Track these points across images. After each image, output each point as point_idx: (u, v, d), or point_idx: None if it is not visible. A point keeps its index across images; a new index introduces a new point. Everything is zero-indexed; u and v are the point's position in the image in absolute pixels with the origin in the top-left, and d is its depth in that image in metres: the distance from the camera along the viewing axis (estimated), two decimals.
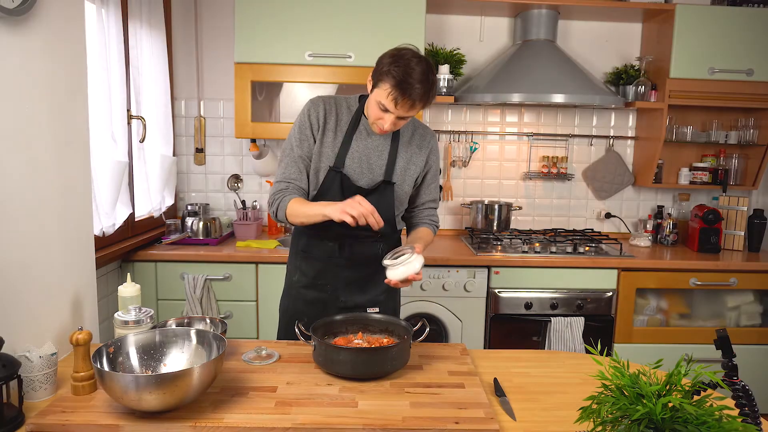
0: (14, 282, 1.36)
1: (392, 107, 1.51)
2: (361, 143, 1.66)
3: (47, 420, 1.14)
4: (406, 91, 1.48)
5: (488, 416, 1.20)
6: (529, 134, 3.20)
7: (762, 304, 2.83)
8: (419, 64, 1.49)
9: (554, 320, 2.65)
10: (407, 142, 1.71)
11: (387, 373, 1.37)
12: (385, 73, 1.50)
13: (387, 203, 1.68)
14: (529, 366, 1.52)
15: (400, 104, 1.50)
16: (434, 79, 1.53)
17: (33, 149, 1.43)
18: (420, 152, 1.72)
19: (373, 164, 1.67)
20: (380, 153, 1.68)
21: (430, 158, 1.75)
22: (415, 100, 1.49)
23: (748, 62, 2.85)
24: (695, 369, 0.90)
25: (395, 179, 1.69)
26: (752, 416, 1.00)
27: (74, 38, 1.60)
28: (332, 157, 1.65)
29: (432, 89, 1.52)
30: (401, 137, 1.71)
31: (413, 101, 1.49)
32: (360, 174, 1.66)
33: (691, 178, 3.14)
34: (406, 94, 1.48)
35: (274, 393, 1.28)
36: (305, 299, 1.76)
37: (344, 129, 1.67)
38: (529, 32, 2.94)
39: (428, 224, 1.80)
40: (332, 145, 1.66)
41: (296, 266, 1.78)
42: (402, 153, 1.70)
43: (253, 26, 2.65)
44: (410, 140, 1.72)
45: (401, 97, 1.48)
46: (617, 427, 0.87)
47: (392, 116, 1.54)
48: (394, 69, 1.48)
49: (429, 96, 1.52)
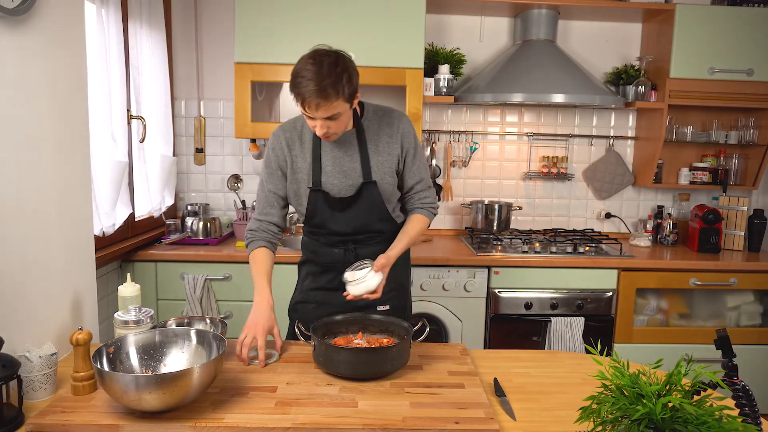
0: (14, 282, 1.36)
1: (306, 111, 1.48)
2: (330, 155, 1.65)
3: (47, 420, 1.14)
4: (303, 93, 1.44)
5: (488, 416, 1.20)
6: (529, 134, 3.20)
7: (762, 304, 2.83)
8: (313, 63, 1.45)
9: (554, 320, 2.65)
10: (375, 134, 1.67)
11: (387, 373, 1.37)
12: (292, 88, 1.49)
13: (376, 203, 1.67)
14: (529, 366, 1.52)
15: (308, 105, 1.46)
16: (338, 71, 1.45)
17: (33, 149, 1.43)
18: (391, 140, 1.68)
19: (348, 171, 1.65)
20: (351, 157, 1.65)
21: (403, 142, 1.69)
22: (312, 98, 1.44)
23: (748, 62, 2.85)
24: (695, 369, 0.90)
25: (375, 177, 1.66)
26: (752, 416, 1.00)
27: (74, 38, 1.60)
28: (308, 179, 1.66)
29: (335, 80, 1.44)
30: (367, 132, 1.67)
31: (316, 101, 1.44)
32: (338, 185, 1.65)
33: (691, 178, 3.14)
34: (305, 95, 1.44)
35: (274, 393, 1.28)
36: (316, 300, 1.75)
37: (310, 146, 1.66)
38: (529, 32, 2.94)
39: (420, 208, 1.76)
40: (304, 167, 1.66)
41: (307, 272, 1.79)
42: (373, 149, 1.66)
43: (253, 26, 2.65)
44: (378, 131, 1.68)
45: (301, 98, 1.46)
46: (617, 427, 0.87)
47: (317, 121, 1.50)
48: (291, 75, 1.47)
49: (330, 90, 1.43)
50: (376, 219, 1.69)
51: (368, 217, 1.68)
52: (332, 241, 1.71)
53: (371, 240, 1.72)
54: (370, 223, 1.69)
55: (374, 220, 1.69)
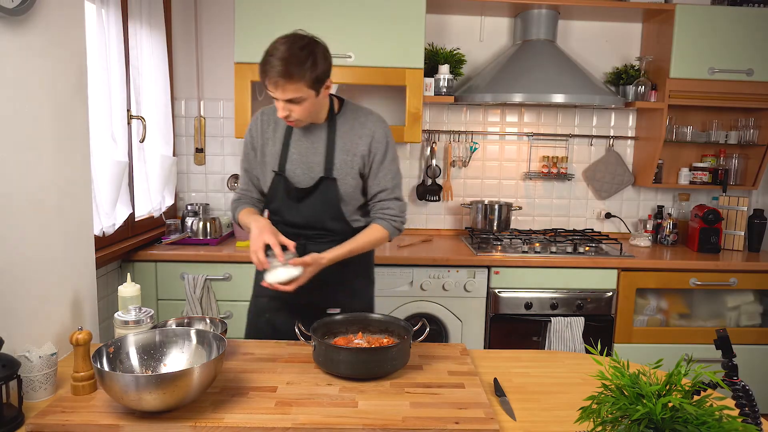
0: (14, 282, 1.36)
1: (270, 91, 1.51)
2: (298, 144, 1.67)
3: (47, 420, 1.14)
4: (267, 71, 1.48)
5: (488, 416, 1.20)
6: (529, 134, 3.20)
7: (762, 304, 2.83)
8: (285, 43, 1.48)
9: (554, 320, 2.66)
10: (346, 133, 1.66)
11: (387, 373, 1.38)
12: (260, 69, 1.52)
13: (330, 200, 1.67)
14: (529, 366, 1.53)
15: (270, 85, 1.49)
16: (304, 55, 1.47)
17: (33, 149, 1.43)
18: (361, 141, 1.66)
19: (312, 163, 1.66)
20: (316, 150, 1.66)
21: (372, 145, 1.66)
22: (275, 77, 1.47)
23: (748, 62, 2.85)
24: (695, 369, 0.90)
25: (336, 174, 1.65)
26: (752, 416, 1.00)
27: (74, 38, 1.60)
28: (275, 163, 1.69)
29: (298, 63, 1.46)
30: (338, 129, 1.67)
31: (275, 79, 1.47)
32: (301, 175, 1.67)
33: (691, 178, 3.14)
34: (266, 72, 1.48)
35: (274, 393, 1.28)
36: (270, 297, 1.76)
37: (282, 133, 1.70)
38: (529, 32, 2.94)
39: (380, 219, 1.71)
40: (273, 152, 1.70)
41: None
42: (341, 146, 1.66)
43: (253, 26, 2.65)
44: (350, 130, 1.67)
45: (264, 76, 1.49)
46: (617, 427, 0.87)
47: (280, 103, 1.53)
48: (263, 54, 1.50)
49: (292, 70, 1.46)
50: (328, 217, 1.68)
51: (321, 213, 1.68)
52: (288, 233, 1.66)
53: (322, 238, 1.71)
54: (323, 220, 1.68)
55: (327, 218, 1.68)
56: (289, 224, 1.71)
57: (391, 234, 1.72)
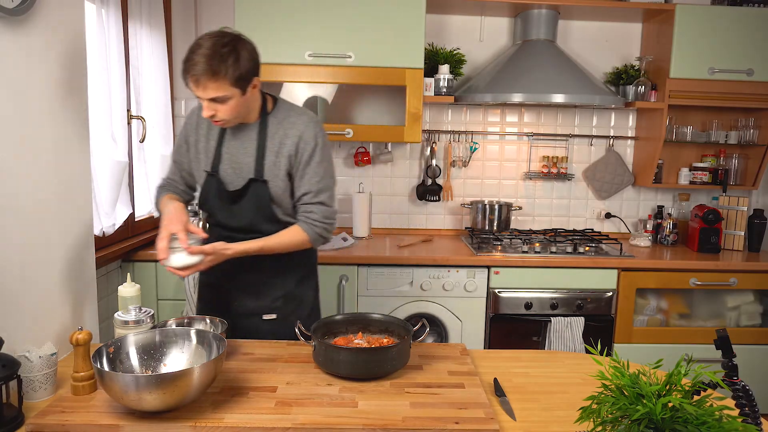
0: (14, 282, 1.36)
1: (192, 89, 1.47)
2: (230, 144, 1.64)
3: (47, 420, 1.14)
4: (188, 68, 1.44)
5: (488, 416, 1.20)
6: (529, 134, 3.20)
7: (762, 304, 2.83)
8: (209, 40, 1.44)
9: (554, 320, 2.66)
10: (274, 134, 1.62)
11: (387, 373, 1.38)
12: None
13: (261, 202, 1.63)
14: (529, 366, 1.53)
15: (192, 83, 1.45)
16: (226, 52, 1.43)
17: (33, 150, 1.43)
18: (288, 140, 1.61)
19: (243, 164, 1.63)
20: (246, 150, 1.62)
21: (300, 145, 1.60)
22: (197, 75, 1.43)
23: (748, 62, 2.85)
24: (695, 369, 0.90)
25: (266, 176, 1.61)
26: (752, 416, 1.00)
27: (74, 38, 1.60)
28: (207, 162, 1.66)
29: (223, 59, 1.42)
30: (269, 129, 1.62)
31: (196, 77, 1.44)
32: (232, 176, 1.64)
33: (691, 178, 3.14)
34: (187, 70, 1.44)
35: (274, 393, 1.28)
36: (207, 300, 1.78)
37: (216, 131, 1.66)
38: (529, 32, 2.94)
39: (302, 222, 1.63)
40: (205, 151, 1.67)
41: None
42: (270, 147, 1.61)
43: (253, 26, 2.65)
44: (279, 129, 1.62)
45: (186, 74, 1.45)
46: (617, 427, 0.87)
47: (204, 102, 1.49)
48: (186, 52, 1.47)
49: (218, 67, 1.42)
50: (262, 219, 1.64)
51: (254, 216, 1.64)
52: (222, 235, 1.65)
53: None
54: (257, 223, 1.64)
55: (260, 220, 1.64)
56: (223, 227, 1.68)
57: (312, 239, 1.63)
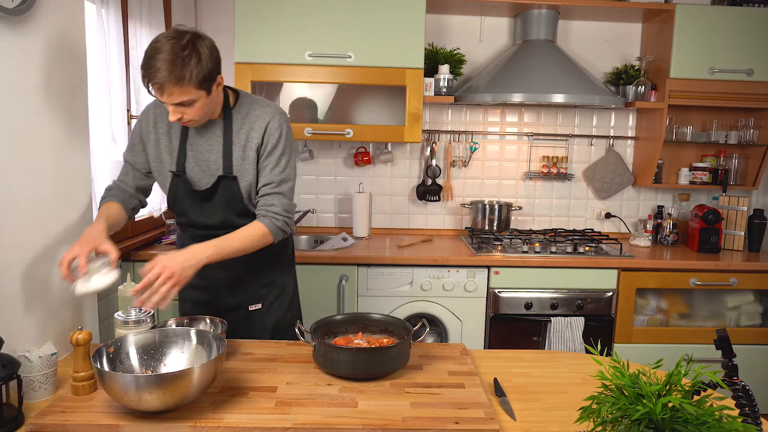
0: (15, 282, 1.37)
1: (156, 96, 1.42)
2: (193, 142, 1.60)
3: (47, 420, 1.14)
4: (150, 75, 1.38)
5: (488, 416, 1.20)
6: (529, 134, 3.20)
7: (762, 304, 2.84)
8: (166, 43, 1.37)
9: (554, 320, 2.66)
10: (240, 128, 1.59)
11: (387, 373, 1.38)
12: None
13: (235, 199, 1.60)
14: (529, 366, 1.53)
15: (155, 90, 1.40)
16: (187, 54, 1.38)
17: (33, 149, 1.43)
18: (254, 132, 1.58)
19: (210, 162, 1.59)
20: (211, 148, 1.59)
21: (265, 136, 1.58)
22: (161, 82, 1.37)
23: (748, 62, 2.85)
24: (695, 369, 0.90)
25: (236, 172, 1.58)
26: (752, 416, 1.00)
27: (74, 38, 1.61)
28: (172, 162, 1.61)
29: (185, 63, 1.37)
30: (234, 124, 1.59)
31: (160, 84, 1.38)
32: (200, 175, 1.60)
33: (691, 178, 3.14)
34: (151, 77, 1.38)
35: (274, 393, 1.29)
36: (191, 300, 1.74)
37: (178, 129, 1.61)
38: (529, 32, 2.95)
39: (262, 216, 1.57)
40: (169, 149, 1.62)
41: None
42: (237, 142, 1.59)
43: (253, 26, 2.65)
44: (244, 123, 1.60)
45: (148, 80, 1.39)
46: (617, 427, 0.87)
47: (170, 106, 1.44)
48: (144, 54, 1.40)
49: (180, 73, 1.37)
50: (235, 214, 1.61)
51: (227, 212, 1.61)
52: (196, 234, 1.62)
53: None
54: (230, 218, 1.61)
55: (233, 216, 1.61)
56: (197, 226, 1.64)
57: (273, 233, 1.56)
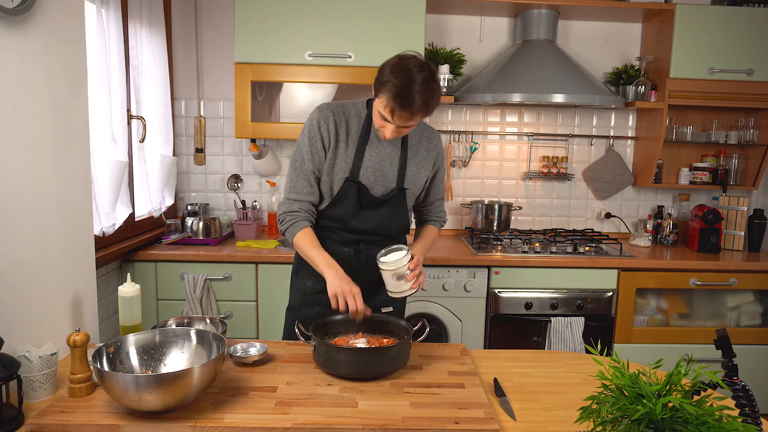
0: (14, 282, 1.37)
1: (390, 118, 1.50)
2: (373, 152, 1.66)
3: (47, 420, 1.15)
4: (404, 103, 1.45)
5: (488, 416, 1.21)
6: (529, 134, 3.21)
7: (762, 304, 2.84)
8: (420, 74, 1.44)
9: (554, 320, 2.66)
10: (415, 147, 1.73)
11: (387, 373, 1.38)
12: (384, 84, 1.47)
13: (402, 209, 1.74)
14: (529, 366, 1.53)
15: (397, 115, 1.48)
16: (435, 88, 1.48)
17: (33, 149, 1.44)
18: (428, 155, 1.74)
19: (387, 172, 1.68)
20: (392, 160, 1.68)
21: (437, 160, 1.77)
22: (413, 111, 1.47)
23: (748, 62, 2.86)
24: (695, 369, 0.90)
25: (407, 185, 1.71)
26: (752, 416, 1.01)
27: (74, 38, 1.61)
28: (347, 168, 1.65)
29: (432, 99, 1.48)
30: (410, 142, 1.72)
31: (411, 112, 1.47)
32: (375, 183, 1.67)
33: (691, 178, 3.15)
34: (405, 106, 1.45)
35: (274, 393, 1.29)
36: (320, 304, 1.72)
37: (355, 138, 1.66)
38: (529, 32, 2.95)
39: (435, 221, 1.85)
40: (345, 156, 1.65)
41: (309, 272, 1.74)
42: (411, 158, 1.71)
43: (253, 26, 2.66)
44: (418, 144, 1.73)
45: (399, 108, 1.46)
46: (617, 427, 0.88)
47: (392, 126, 1.52)
48: (393, 79, 1.45)
49: (429, 106, 1.49)
50: (398, 224, 1.75)
51: (392, 221, 1.73)
52: (346, 239, 1.72)
53: (382, 242, 1.73)
54: (391, 227, 1.74)
55: (396, 225, 1.74)
56: (353, 230, 1.71)
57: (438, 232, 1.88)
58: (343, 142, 1.65)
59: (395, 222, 1.74)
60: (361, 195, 1.66)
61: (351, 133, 1.66)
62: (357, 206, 1.68)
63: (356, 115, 1.68)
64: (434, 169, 1.77)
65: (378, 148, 1.67)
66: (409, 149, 1.71)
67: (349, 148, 1.65)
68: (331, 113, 1.65)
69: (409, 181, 1.71)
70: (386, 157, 1.68)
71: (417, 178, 1.73)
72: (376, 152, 1.67)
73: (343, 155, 1.65)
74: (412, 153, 1.71)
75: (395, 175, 1.69)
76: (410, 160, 1.71)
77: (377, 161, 1.67)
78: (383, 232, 1.73)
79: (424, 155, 1.73)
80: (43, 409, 1.19)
